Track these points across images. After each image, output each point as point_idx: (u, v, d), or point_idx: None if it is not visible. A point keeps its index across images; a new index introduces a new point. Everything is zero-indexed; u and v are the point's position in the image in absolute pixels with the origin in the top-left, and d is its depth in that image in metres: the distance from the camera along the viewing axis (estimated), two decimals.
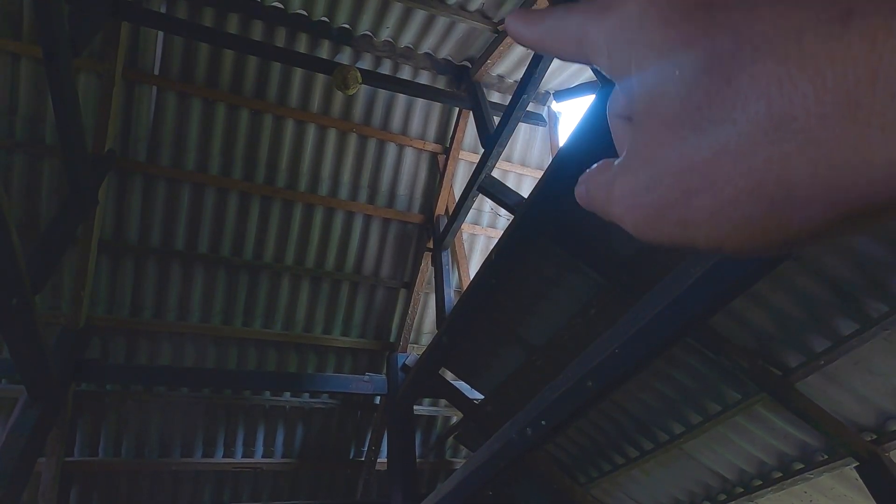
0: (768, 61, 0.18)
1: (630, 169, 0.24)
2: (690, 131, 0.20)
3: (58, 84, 3.35)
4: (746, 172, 0.19)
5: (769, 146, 0.18)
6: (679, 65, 0.21)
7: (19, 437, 3.71)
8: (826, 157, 0.18)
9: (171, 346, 5.32)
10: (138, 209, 4.87)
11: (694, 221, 0.21)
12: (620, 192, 0.24)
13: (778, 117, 0.18)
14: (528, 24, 0.29)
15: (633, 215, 0.24)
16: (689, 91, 0.20)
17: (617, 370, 2.39)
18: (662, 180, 0.22)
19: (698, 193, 0.21)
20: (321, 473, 6.27)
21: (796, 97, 0.18)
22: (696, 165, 0.20)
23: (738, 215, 0.20)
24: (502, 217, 5.85)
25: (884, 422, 3.00)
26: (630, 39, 0.23)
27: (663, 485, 4.22)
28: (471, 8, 4.60)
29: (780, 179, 0.19)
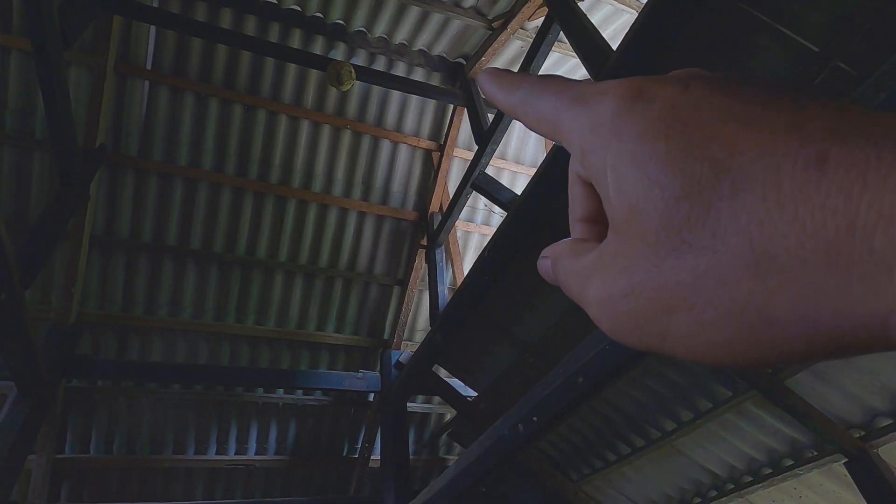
0: (748, 198, 0.18)
1: (606, 272, 0.23)
2: (671, 251, 0.20)
3: (48, 77, 3.32)
4: (727, 300, 0.19)
5: (751, 279, 0.18)
6: (657, 183, 0.20)
7: (9, 434, 3.68)
8: (806, 298, 0.17)
9: (162, 342, 5.29)
10: (130, 204, 4.83)
11: (672, 337, 0.21)
12: (596, 295, 0.24)
13: (759, 254, 0.18)
14: (501, 89, 0.28)
15: (609, 320, 0.23)
16: (668, 212, 0.20)
17: (607, 367, 2.40)
18: (641, 293, 0.21)
19: (677, 312, 0.20)
20: (314, 470, 6.27)
21: (777, 238, 0.17)
22: (674, 285, 0.20)
23: (717, 337, 0.20)
24: (496, 214, 5.85)
25: (872, 419, 3.03)
26: (604, 143, 0.22)
27: (655, 481, 4.25)
28: (465, 5, 4.59)
29: (761, 311, 0.18)
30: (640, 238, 0.21)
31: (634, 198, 0.21)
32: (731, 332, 0.19)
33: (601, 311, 0.24)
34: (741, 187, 0.18)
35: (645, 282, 0.21)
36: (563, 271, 0.27)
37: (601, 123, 0.23)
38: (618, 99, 0.22)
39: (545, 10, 4.00)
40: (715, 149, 0.19)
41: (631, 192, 0.21)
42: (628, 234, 0.22)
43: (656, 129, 0.21)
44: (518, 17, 4.44)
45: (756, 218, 0.18)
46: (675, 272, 0.20)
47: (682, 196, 0.19)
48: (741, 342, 0.19)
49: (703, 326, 0.20)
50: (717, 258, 0.19)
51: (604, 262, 0.24)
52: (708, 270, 0.19)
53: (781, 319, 0.18)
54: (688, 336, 0.21)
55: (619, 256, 0.22)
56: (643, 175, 0.20)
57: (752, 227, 0.18)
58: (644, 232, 0.21)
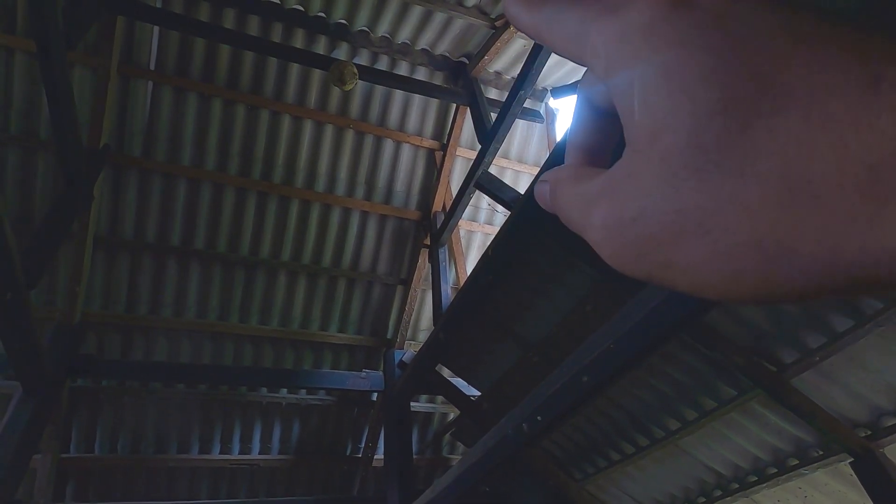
0: (790, 117, 0.17)
1: (616, 195, 0.22)
2: (693, 173, 0.19)
3: (52, 78, 3.33)
4: (748, 228, 0.18)
5: (778, 206, 0.17)
6: (690, 98, 0.19)
7: (14, 434, 3.69)
8: (836, 229, 0.16)
9: (166, 341, 5.31)
10: (134, 204, 4.85)
11: (679, 265, 0.20)
12: (602, 219, 0.22)
13: (793, 178, 0.17)
14: (527, 8, 0.27)
15: (613, 246, 0.22)
16: (698, 130, 0.18)
17: (612, 366, 2.40)
18: (652, 217, 0.20)
19: (690, 238, 0.19)
20: (318, 470, 6.28)
21: (815, 161, 0.16)
22: (692, 209, 0.19)
23: (729, 268, 0.19)
24: (499, 213, 5.85)
25: (878, 418, 3.02)
26: (634, 53, 0.20)
27: (659, 481, 4.24)
28: (468, 4, 4.59)
29: (782, 241, 0.17)
30: (661, 157, 0.19)
31: (662, 112, 0.19)
32: (744, 263, 0.18)
33: (605, 235, 0.22)
34: (784, 105, 0.17)
35: (659, 205, 0.20)
36: (563, 196, 0.25)
37: (633, 31, 0.21)
38: (656, 4, 0.20)
39: None
40: (761, 62, 0.18)
41: (659, 107, 0.19)
42: (648, 154, 0.20)
43: (696, 39, 0.19)
44: None
45: (795, 138, 0.17)
46: (694, 195, 0.19)
47: (717, 111, 0.18)
48: (753, 274, 0.18)
49: (714, 255, 0.19)
50: (743, 182, 0.18)
51: (614, 184, 0.22)
52: (732, 195, 0.18)
53: (802, 249, 0.17)
54: (696, 265, 0.19)
55: (634, 178, 0.21)
56: (676, 87, 0.19)
57: (790, 149, 0.17)
58: (668, 150, 0.19)
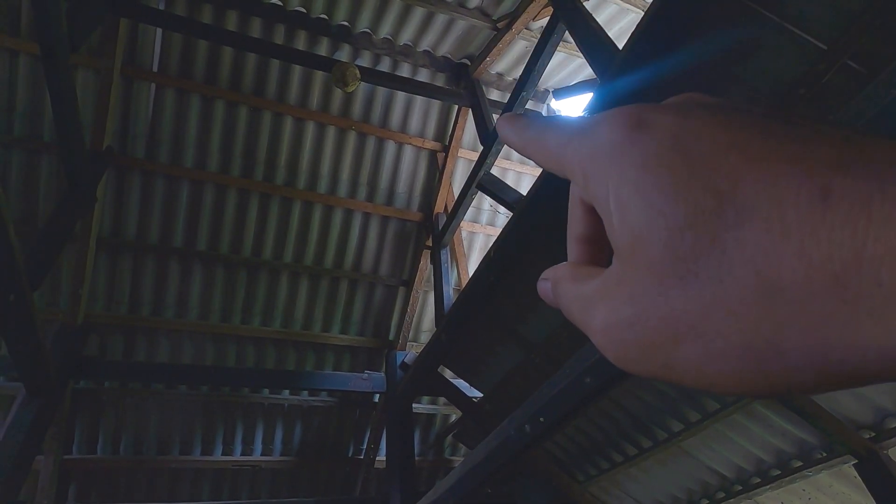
0: (752, 228, 0.18)
1: (611, 301, 0.23)
2: (677, 281, 0.20)
3: (56, 80, 3.34)
4: (735, 330, 0.19)
5: (759, 309, 0.18)
6: (660, 213, 0.20)
7: (17, 435, 3.70)
8: (817, 330, 0.17)
9: (169, 343, 5.31)
10: (136, 206, 4.86)
11: (679, 366, 0.21)
12: (601, 324, 0.23)
13: (766, 285, 0.18)
14: (514, 130, 0.29)
15: (615, 349, 0.23)
16: (673, 241, 0.19)
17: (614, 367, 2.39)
18: (647, 322, 0.21)
19: (685, 341, 0.20)
20: (320, 471, 6.27)
21: (783, 269, 0.17)
22: (682, 314, 0.20)
23: (725, 367, 0.20)
24: (501, 215, 5.85)
25: (882, 419, 3.00)
26: (605, 171, 0.22)
27: (662, 483, 4.23)
28: (470, 5, 4.59)
29: (770, 341, 0.18)
30: (645, 267, 0.21)
31: (638, 227, 0.21)
32: (740, 363, 0.19)
33: (606, 339, 0.23)
34: (745, 218, 0.18)
35: (651, 311, 0.21)
36: (564, 296, 0.27)
37: (602, 151, 0.22)
38: (617, 127, 0.22)
39: (550, 9, 4.00)
40: (717, 179, 0.19)
41: (634, 221, 0.21)
42: (633, 263, 0.21)
43: (657, 159, 0.20)
44: (523, 16, 4.43)
45: (761, 249, 0.18)
46: (681, 301, 0.20)
47: (685, 226, 0.19)
48: (751, 372, 0.19)
49: (711, 356, 0.20)
50: (723, 288, 0.19)
51: (608, 289, 0.23)
52: (715, 300, 0.19)
53: (791, 350, 0.18)
54: (696, 366, 0.20)
55: (624, 284, 0.22)
56: (646, 204, 0.20)
57: (758, 258, 0.18)
58: (649, 261, 0.20)
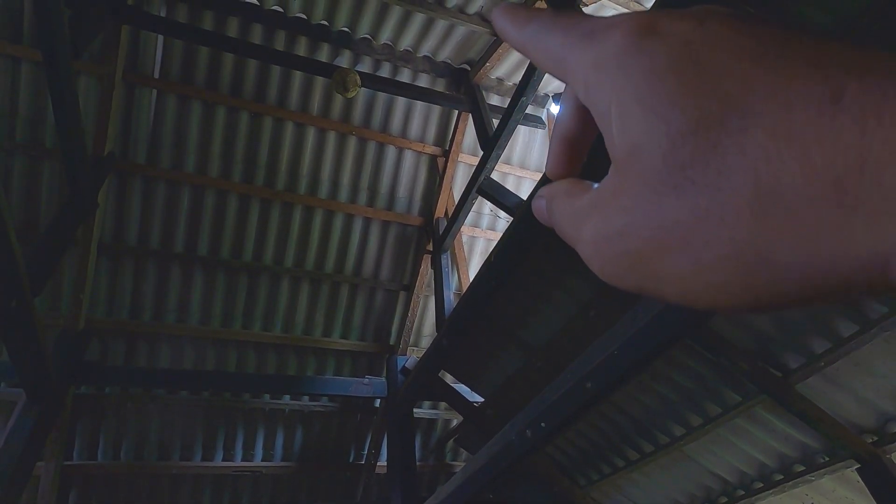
0: (757, 133, 0.18)
1: (603, 212, 0.23)
2: (672, 190, 0.20)
3: (58, 87, 3.36)
4: (726, 239, 0.19)
5: (753, 218, 0.18)
6: (663, 120, 0.20)
7: (18, 440, 3.70)
8: (809, 238, 0.17)
9: (170, 348, 5.31)
10: (138, 211, 4.87)
11: (666, 278, 0.21)
12: (591, 234, 0.23)
13: (764, 192, 0.18)
14: (513, 25, 0.28)
15: (603, 261, 0.23)
16: (673, 149, 0.19)
17: (616, 371, 2.39)
18: (638, 232, 0.21)
19: (674, 252, 0.20)
20: (321, 477, 6.25)
21: (784, 175, 0.17)
22: (674, 223, 0.20)
23: (712, 279, 0.20)
24: (502, 219, 5.85)
25: (884, 423, 2.99)
26: (609, 79, 0.22)
27: (663, 487, 4.21)
28: (470, 11, 4.61)
29: (760, 252, 0.18)
30: (641, 176, 0.20)
31: (638, 134, 0.20)
32: (727, 274, 0.19)
33: (595, 251, 0.23)
34: (751, 123, 0.18)
35: (642, 221, 0.21)
36: (558, 212, 0.26)
37: (608, 59, 0.22)
38: (627, 34, 0.21)
39: None
40: (727, 85, 0.19)
41: (635, 129, 0.20)
42: (629, 172, 0.21)
43: (666, 65, 0.20)
44: None
45: (764, 153, 0.17)
46: (674, 211, 0.20)
47: (688, 132, 0.19)
48: (737, 284, 0.19)
49: (698, 267, 0.20)
50: (719, 196, 0.18)
51: (601, 201, 0.23)
52: (709, 209, 0.19)
53: (781, 260, 0.18)
54: (682, 278, 0.20)
55: (618, 195, 0.22)
56: (649, 111, 0.20)
57: (759, 164, 0.18)
58: (646, 169, 0.20)
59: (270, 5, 4.51)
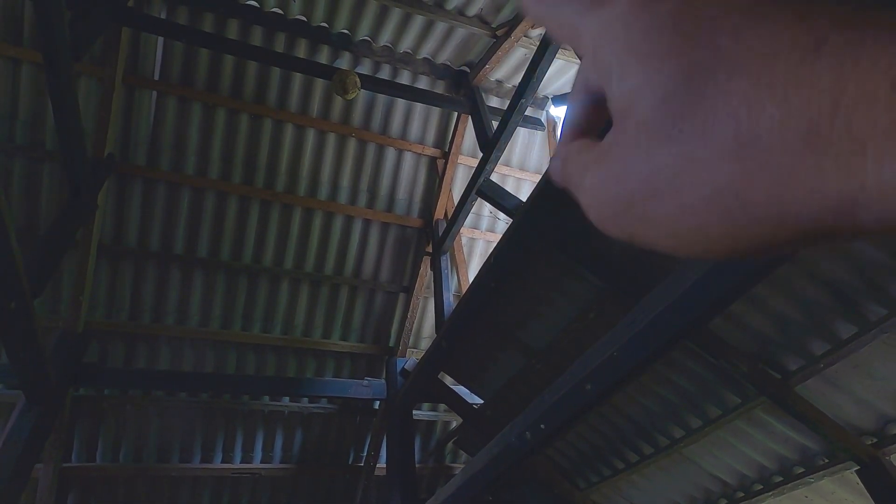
0: (742, 81, 0.19)
1: (604, 161, 0.24)
2: (664, 137, 0.21)
3: (58, 89, 3.36)
4: (708, 182, 0.20)
5: (732, 161, 0.19)
6: (658, 71, 0.21)
7: (16, 443, 3.69)
8: (782, 180, 0.18)
9: (169, 350, 5.31)
10: (138, 213, 4.87)
11: (653, 221, 0.22)
12: (591, 182, 0.25)
13: (744, 135, 0.19)
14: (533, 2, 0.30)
15: (597, 206, 0.25)
16: (665, 99, 0.21)
17: (616, 373, 2.39)
18: (630, 178, 0.22)
19: (661, 195, 0.21)
20: (320, 479, 6.24)
21: (763, 118, 0.18)
22: (663, 169, 0.21)
23: (694, 221, 0.21)
24: (501, 221, 5.86)
25: (884, 425, 2.99)
26: (615, 40, 0.23)
27: (664, 489, 4.21)
28: (469, 13, 4.63)
29: (737, 194, 0.19)
30: (636, 126, 0.22)
31: (635, 85, 0.22)
32: (706, 217, 0.20)
33: (591, 196, 0.25)
34: (737, 72, 0.19)
35: (636, 166, 0.22)
36: (569, 168, 0.28)
37: (614, 20, 0.23)
38: None
39: None
40: (719, 37, 0.20)
41: (632, 81, 0.22)
42: (626, 123, 0.22)
43: (665, 20, 0.21)
44: (522, 24, 4.46)
45: (746, 100, 0.19)
46: (665, 157, 0.21)
47: (680, 82, 0.20)
48: (715, 227, 0.20)
49: (681, 211, 0.21)
50: (703, 142, 0.20)
51: (602, 153, 0.24)
52: (694, 154, 0.20)
53: (755, 202, 0.19)
54: (666, 221, 0.22)
55: (615, 146, 0.23)
56: (646, 63, 0.21)
57: (741, 110, 0.19)
58: (641, 119, 0.22)
59: (270, 7, 4.52)
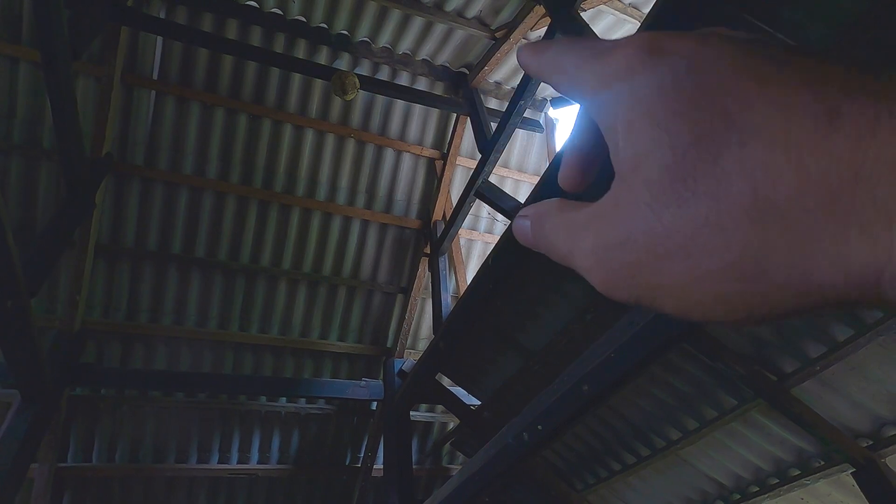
0: (756, 145, 0.18)
1: (604, 222, 0.23)
2: (673, 199, 0.20)
3: (56, 88, 3.35)
4: (724, 247, 0.19)
5: (749, 227, 0.19)
6: (667, 133, 0.20)
7: (12, 442, 3.67)
8: (804, 247, 0.18)
9: (166, 350, 5.30)
10: (135, 213, 4.86)
11: (664, 287, 0.21)
12: (592, 244, 0.23)
13: (761, 201, 0.18)
14: (533, 54, 0.29)
15: (603, 271, 0.23)
16: (675, 161, 0.20)
17: (613, 375, 2.39)
18: (638, 242, 0.21)
19: (673, 260, 0.21)
20: (317, 479, 6.23)
21: (780, 185, 0.18)
22: (674, 232, 0.20)
23: (710, 286, 0.20)
24: (499, 222, 5.86)
25: (879, 428, 3.01)
26: (618, 96, 0.23)
27: (660, 491, 4.21)
28: (468, 15, 4.64)
29: (756, 260, 0.19)
30: (643, 186, 0.21)
31: (643, 146, 0.21)
32: (724, 284, 0.20)
33: (595, 261, 0.23)
34: (750, 137, 0.19)
35: (644, 230, 0.21)
36: (549, 227, 0.27)
37: (616, 76, 0.23)
38: (634, 51, 0.23)
39: (548, 20, 4.03)
40: (728, 102, 0.19)
41: (640, 141, 0.21)
42: (633, 183, 0.22)
43: (671, 82, 0.21)
44: (521, 27, 4.47)
45: (762, 164, 0.18)
46: (675, 220, 0.20)
47: (690, 144, 0.20)
48: (734, 294, 0.20)
49: (696, 277, 0.20)
50: (718, 205, 0.19)
51: (602, 212, 0.23)
52: (708, 218, 0.19)
53: (776, 269, 0.18)
54: (680, 288, 0.21)
55: (620, 206, 0.22)
56: (654, 124, 0.21)
57: (757, 173, 0.18)
58: (649, 180, 0.21)
59: (270, 7, 4.52)
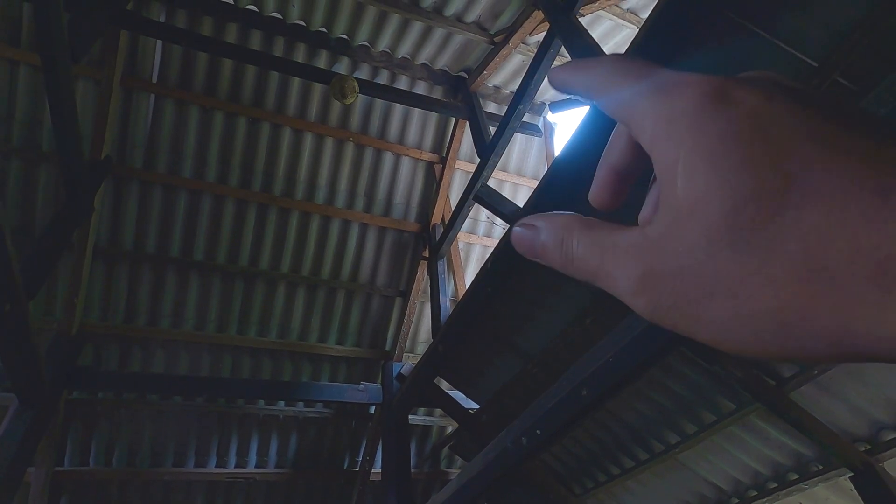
0: (813, 210, 0.20)
1: (654, 252, 0.24)
2: (728, 245, 0.21)
3: (56, 91, 3.36)
4: (771, 297, 0.21)
5: (799, 283, 0.20)
6: (728, 183, 0.21)
7: (9, 446, 3.66)
8: (847, 309, 0.19)
9: (164, 353, 5.28)
10: (134, 216, 4.86)
11: (707, 322, 0.23)
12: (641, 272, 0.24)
13: (812, 261, 0.20)
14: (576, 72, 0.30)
15: (650, 299, 0.24)
16: (734, 211, 0.21)
17: (611, 379, 2.40)
18: (689, 276, 0.23)
19: (719, 299, 0.22)
20: (315, 483, 6.21)
21: (832, 250, 0.19)
22: (724, 274, 0.22)
23: (749, 328, 0.21)
24: (498, 226, 5.87)
25: (877, 432, 3.01)
26: (681, 136, 0.23)
27: (658, 495, 4.21)
28: (467, 19, 4.65)
29: (800, 313, 0.20)
30: (700, 228, 0.22)
31: (703, 192, 0.22)
32: (765, 326, 0.21)
33: (642, 288, 0.24)
34: (809, 200, 0.20)
35: (696, 267, 0.22)
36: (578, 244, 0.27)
37: (680, 116, 0.23)
38: (701, 96, 0.23)
39: (546, 25, 4.05)
40: (790, 162, 0.21)
41: (701, 185, 0.22)
42: (689, 222, 0.23)
43: (737, 133, 0.22)
44: (520, 31, 4.49)
45: (817, 229, 0.20)
46: (727, 264, 0.21)
47: (750, 198, 0.21)
48: (772, 337, 0.21)
49: (739, 316, 0.21)
50: (770, 258, 0.20)
51: (653, 241, 0.24)
52: (760, 268, 0.21)
53: (817, 322, 0.20)
54: (722, 323, 0.22)
55: (673, 240, 0.23)
56: (717, 172, 0.22)
57: (811, 237, 0.20)
58: (707, 223, 0.22)
59: (269, 12, 4.54)
